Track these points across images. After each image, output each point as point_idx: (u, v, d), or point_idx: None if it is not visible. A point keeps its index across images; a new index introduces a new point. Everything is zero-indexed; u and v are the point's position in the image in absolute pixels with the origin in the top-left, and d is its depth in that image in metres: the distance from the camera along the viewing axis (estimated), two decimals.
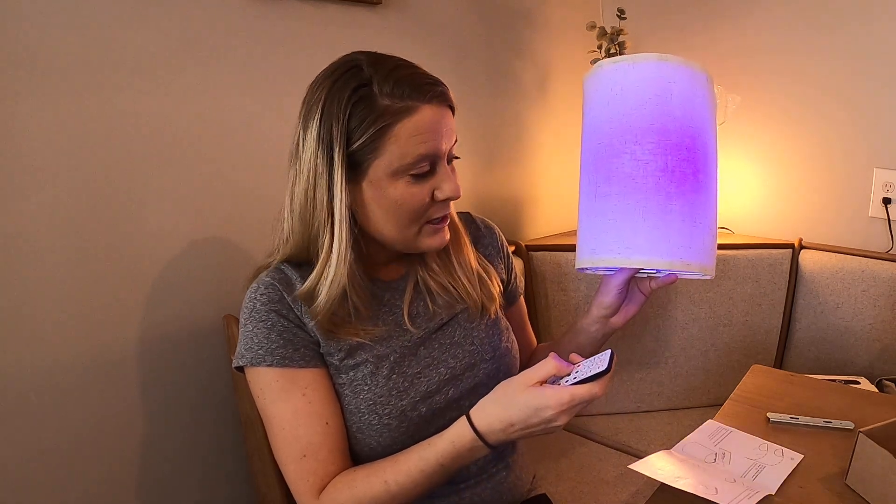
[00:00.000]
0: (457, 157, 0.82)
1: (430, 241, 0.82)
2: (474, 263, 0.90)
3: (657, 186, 0.82)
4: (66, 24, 0.87)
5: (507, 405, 0.70)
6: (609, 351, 0.70)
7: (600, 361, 0.69)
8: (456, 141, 0.80)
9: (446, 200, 0.80)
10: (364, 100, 0.73)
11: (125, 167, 0.96)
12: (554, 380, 0.72)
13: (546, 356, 1.01)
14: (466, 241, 0.91)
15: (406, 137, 0.74)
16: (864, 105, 1.48)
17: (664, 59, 0.84)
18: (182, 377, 1.06)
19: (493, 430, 0.71)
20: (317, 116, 0.74)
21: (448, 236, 0.84)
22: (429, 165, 0.76)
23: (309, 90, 0.78)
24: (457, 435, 0.73)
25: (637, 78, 0.83)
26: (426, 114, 0.74)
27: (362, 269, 0.80)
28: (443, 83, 0.78)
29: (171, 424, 1.06)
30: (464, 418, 0.73)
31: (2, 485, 0.88)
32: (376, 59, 0.76)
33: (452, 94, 0.79)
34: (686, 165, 0.83)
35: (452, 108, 0.79)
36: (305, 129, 0.76)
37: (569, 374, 0.72)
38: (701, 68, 0.86)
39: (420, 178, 0.76)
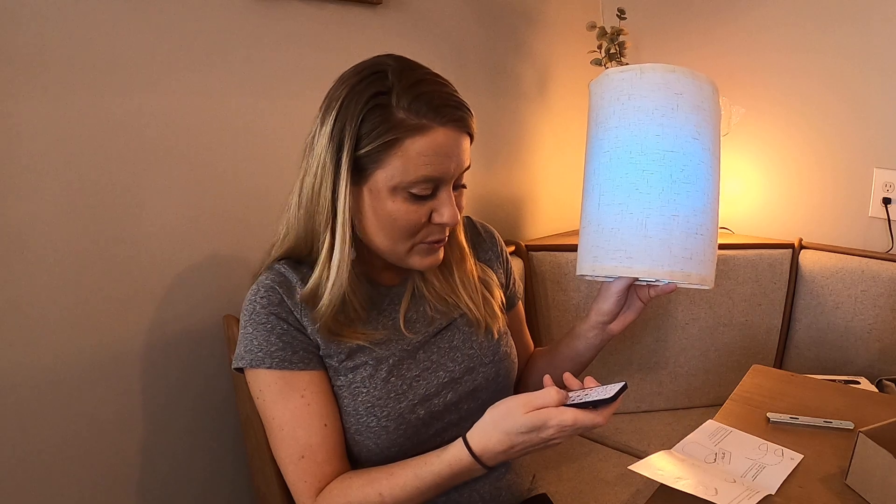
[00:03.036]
0: (463, 186, 0.80)
1: (422, 261, 0.80)
2: (477, 281, 0.89)
3: (661, 197, 0.83)
4: (66, 24, 0.87)
5: (509, 429, 0.69)
6: (623, 383, 0.70)
7: (609, 390, 0.69)
8: (468, 168, 0.78)
9: (443, 225, 0.78)
10: (379, 108, 0.72)
11: (125, 167, 0.95)
12: None
13: (543, 360, 1.01)
14: (470, 259, 0.90)
15: (413, 155, 0.72)
16: (864, 105, 1.48)
17: (672, 70, 0.84)
18: (182, 377, 1.06)
19: (494, 452, 0.70)
20: (333, 114, 0.73)
21: (441, 256, 0.83)
22: (431, 189, 0.75)
23: (334, 84, 0.77)
24: (454, 458, 0.72)
25: (644, 88, 0.83)
26: (439, 136, 0.73)
27: (362, 272, 0.80)
28: (466, 108, 0.75)
29: (171, 424, 1.06)
30: (461, 441, 0.72)
31: (1, 485, 0.88)
32: (403, 69, 0.74)
33: (474, 123, 0.77)
34: (690, 177, 0.84)
35: (471, 136, 0.77)
36: (322, 123, 0.75)
37: (574, 394, 0.72)
38: (707, 80, 0.86)
39: (419, 198, 0.75)
